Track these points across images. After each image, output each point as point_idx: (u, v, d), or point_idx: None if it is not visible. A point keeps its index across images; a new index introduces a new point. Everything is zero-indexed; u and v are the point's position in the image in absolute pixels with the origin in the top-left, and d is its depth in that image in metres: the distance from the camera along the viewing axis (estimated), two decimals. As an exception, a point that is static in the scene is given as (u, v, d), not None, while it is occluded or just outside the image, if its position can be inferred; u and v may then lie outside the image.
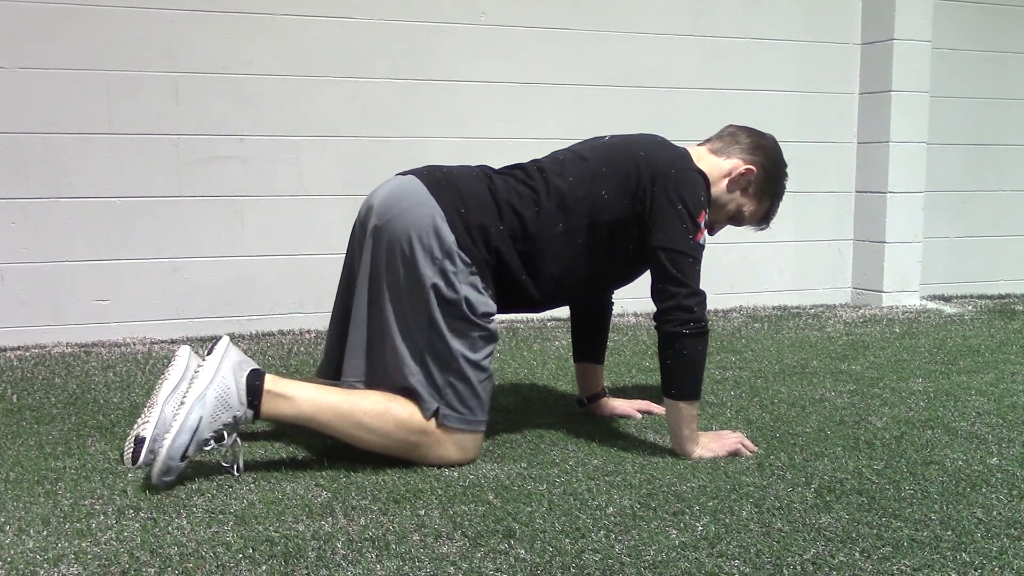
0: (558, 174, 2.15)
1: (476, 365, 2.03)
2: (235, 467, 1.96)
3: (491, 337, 2.05)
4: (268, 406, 1.94)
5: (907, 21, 4.37)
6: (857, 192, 4.59)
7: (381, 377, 2.06)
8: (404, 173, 2.14)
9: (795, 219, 4.41)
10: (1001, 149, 4.86)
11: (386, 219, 2.03)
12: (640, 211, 2.12)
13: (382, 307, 2.03)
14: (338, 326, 2.19)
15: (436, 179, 2.09)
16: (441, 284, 1.99)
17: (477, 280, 2.03)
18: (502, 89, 3.97)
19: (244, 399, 1.91)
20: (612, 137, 2.28)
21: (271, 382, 1.96)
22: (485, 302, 2.04)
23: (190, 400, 1.86)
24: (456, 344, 2.00)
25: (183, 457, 1.85)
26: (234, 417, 1.91)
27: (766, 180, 2.28)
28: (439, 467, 2.02)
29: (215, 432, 1.89)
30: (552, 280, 2.14)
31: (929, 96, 4.46)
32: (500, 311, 2.14)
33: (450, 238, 2.00)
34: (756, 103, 4.33)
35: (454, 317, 2.00)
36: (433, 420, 2.00)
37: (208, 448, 1.89)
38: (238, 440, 1.96)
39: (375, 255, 2.04)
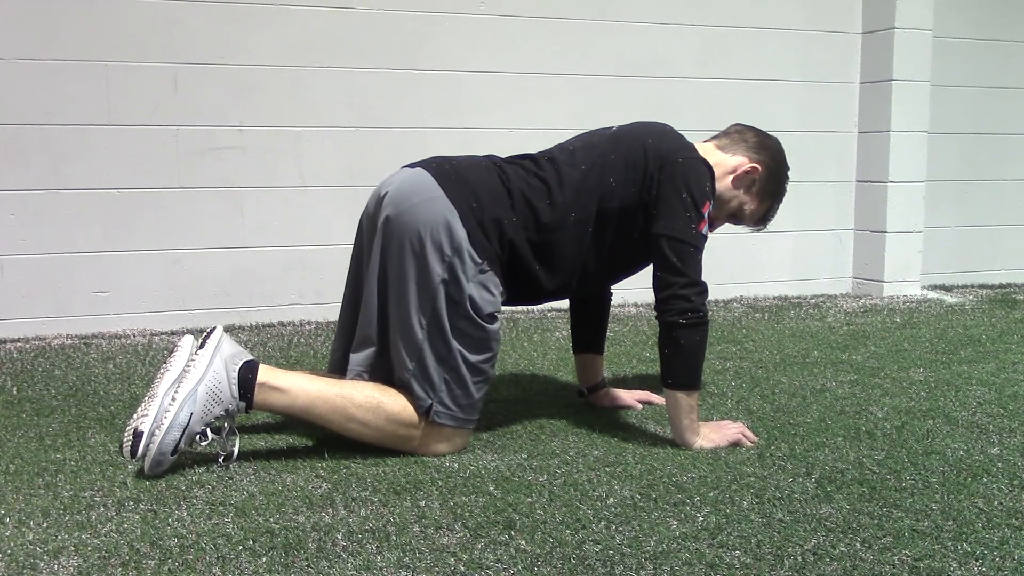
0: (569, 164, 2.15)
1: (474, 367, 2.03)
2: (223, 457, 1.97)
3: (493, 340, 2.05)
4: (261, 398, 1.95)
5: (908, 10, 4.35)
6: (858, 182, 4.58)
7: (386, 368, 2.06)
8: (412, 165, 2.13)
9: (796, 209, 4.39)
10: (1002, 138, 4.85)
11: (397, 213, 2.02)
12: (647, 199, 2.12)
13: (389, 299, 2.03)
14: (346, 319, 2.19)
15: (446, 172, 2.07)
16: (449, 281, 1.98)
17: (488, 278, 2.02)
18: (502, 79, 3.96)
19: (236, 392, 1.92)
20: (620, 127, 2.28)
21: (264, 373, 1.96)
22: (492, 302, 2.03)
23: (181, 396, 1.87)
24: (457, 343, 2.00)
25: (174, 451, 1.87)
26: (226, 410, 1.92)
27: (769, 180, 2.29)
28: (431, 457, 2.03)
29: (207, 425, 1.90)
30: (563, 270, 2.14)
31: (930, 85, 4.44)
32: (508, 303, 2.14)
33: (461, 234, 1.99)
34: (757, 92, 4.32)
35: (458, 316, 2.00)
36: (424, 415, 2.01)
37: (204, 444, 1.92)
38: (234, 431, 1.98)
39: (385, 248, 2.03)
